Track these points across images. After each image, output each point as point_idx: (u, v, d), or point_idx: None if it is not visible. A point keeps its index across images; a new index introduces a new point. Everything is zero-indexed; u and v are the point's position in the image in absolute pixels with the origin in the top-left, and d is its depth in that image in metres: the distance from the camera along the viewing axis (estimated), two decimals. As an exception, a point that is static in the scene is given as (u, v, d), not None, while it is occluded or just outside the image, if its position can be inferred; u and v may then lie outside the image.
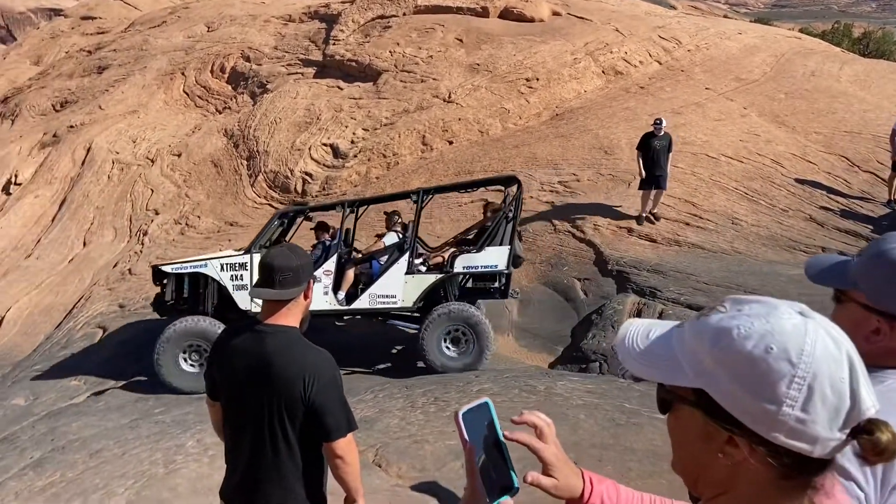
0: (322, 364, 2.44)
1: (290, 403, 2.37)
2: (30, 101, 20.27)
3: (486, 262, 7.86)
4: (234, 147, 15.32)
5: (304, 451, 2.44)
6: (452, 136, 13.01)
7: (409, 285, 7.88)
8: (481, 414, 1.17)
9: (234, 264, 8.00)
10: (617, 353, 1.04)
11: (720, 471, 0.91)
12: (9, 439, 7.10)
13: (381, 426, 6.11)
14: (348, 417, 2.46)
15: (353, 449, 2.46)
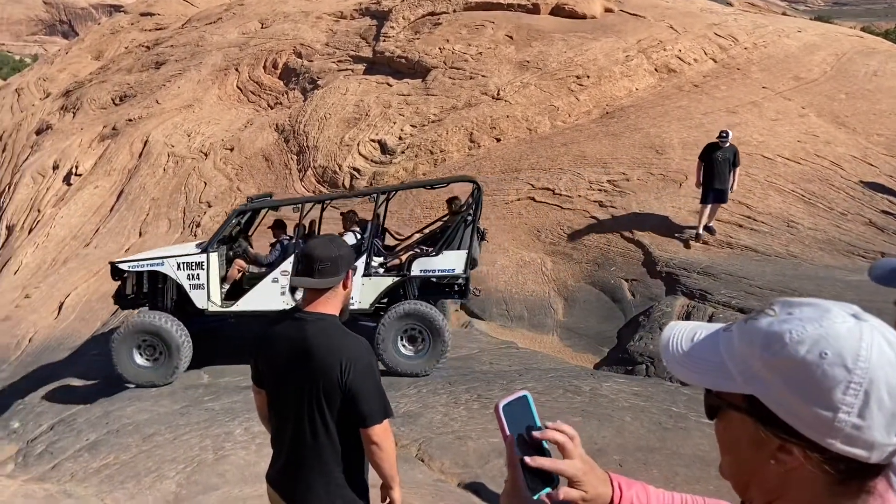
0: (359, 350, 2.50)
1: (328, 389, 2.43)
2: (91, 94, 20.94)
3: (443, 266, 7.80)
4: (285, 142, 15.56)
5: (343, 437, 2.49)
6: (500, 134, 12.96)
7: (365, 287, 7.82)
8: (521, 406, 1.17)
9: (190, 263, 7.98)
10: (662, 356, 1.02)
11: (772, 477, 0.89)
12: (66, 421, 7.36)
13: (424, 421, 6.14)
14: (384, 404, 2.50)
15: (388, 436, 2.50)
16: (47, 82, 25.89)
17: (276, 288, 7.90)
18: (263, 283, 7.95)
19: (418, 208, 12.10)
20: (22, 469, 6.36)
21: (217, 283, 8.05)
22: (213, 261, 8.00)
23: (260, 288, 7.94)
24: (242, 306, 8.00)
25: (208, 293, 7.94)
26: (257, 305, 7.93)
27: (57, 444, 6.70)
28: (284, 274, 7.85)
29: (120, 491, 5.12)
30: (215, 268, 8.03)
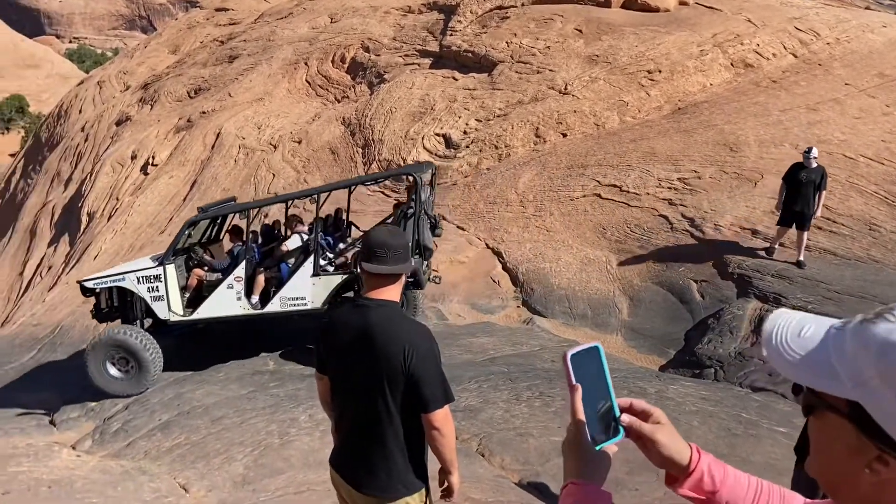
0: (421, 336, 2.52)
1: (391, 375, 2.46)
2: (167, 87, 21.70)
3: None
4: (351, 135, 15.77)
5: (405, 421, 2.52)
6: (567, 129, 12.80)
7: (316, 287, 7.90)
8: (590, 358, 1.17)
9: (149, 276, 8.23)
10: (763, 348, 0.97)
11: (864, 485, 0.84)
12: (140, 401, 7.64)
13: (485, 416, 6.12)
14: (445, 390, 2.51)
15: (449, 421, 2.52)
16: (127, 75, 26.96)
17: (231, 294, 8.13)
18: (219, 290, 8.17)
19: (481, 203, 12.08)
20: (99, 445, 6.65)
21: (177, 294, 8.29)
22: (169, 272, 8.25)
23: (216, 295, 8.18)
24: (202, 314, 8.24)
25: (168, 304, 8.19)
26: (216, 312, 8.21)
27: (132, 423, 6.97)
28: (238, 280, 8.09)
29: (191, 470, 5.30)
30: (173, 279, 8.27)
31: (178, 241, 8.53)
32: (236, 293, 8.12)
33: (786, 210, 8.89)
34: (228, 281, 8.15)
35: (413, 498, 2.55)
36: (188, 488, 5.02)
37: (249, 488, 4.95)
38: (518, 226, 11.14)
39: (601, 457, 1.15)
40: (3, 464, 5.39)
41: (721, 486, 1.14)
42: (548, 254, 10.33)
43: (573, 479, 1.13)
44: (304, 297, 7.96)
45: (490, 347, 8.47)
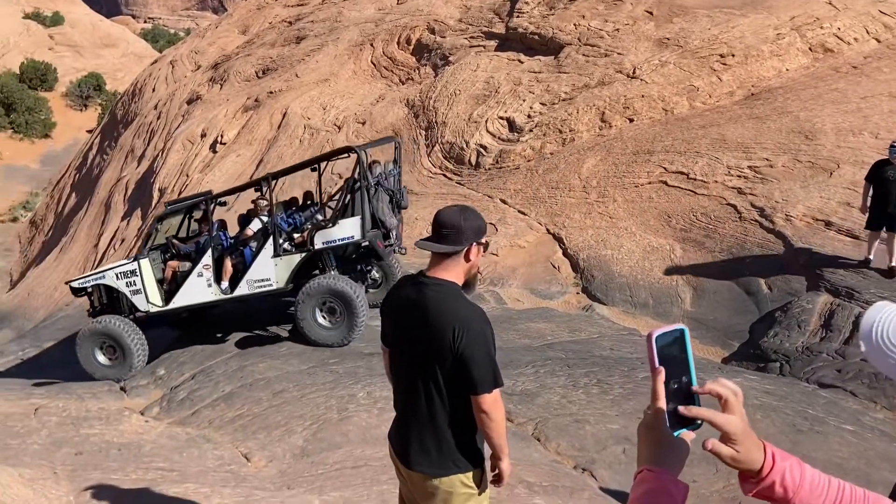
0: (473, 317, 2.49)
1: (441, 353, 2.46)
2: (236, 67, 22.18)
3: (341, 235, 7.94)
4: (414, 117, 15.81)
5: (456, 401, 2.51)
6: (634, 114, 12.51)
7: (279, 267, 8.11)
8: (675, 341, 1.14)
9: (125, 272, 8.64)
10: (861, 345, 0.92)
11: None
12: (205, 372, 7.89)
13: (541, 401, 6.09)
14: (495, 373, 2.48)
15: (498, 406, 2.49)
16: (198, 55, 27.68)
17: (202, 281, 8.43)
18: (190, 278, 8.49)
19: (543, 188, 11.96)
20: (166, 413, 6.91)
21: (154, 286, 8.64)
22: (144, 267, 8.58)
23: (188, 284, 8.49)
24: (177, 303, 8.57)
25: (146, 296, 8.57)
26: (190, 300, 8.54)
27: (197, 393, 7.20)
28: (207, 267, 8.39)
29: (252, 440, 5.45)
30: (149, 272, 8.61)
31: (151, 235, 9.00)
32: (206, 280, 8.43)
33: (874, 212, 8.24)
34: (198, 269, 8.45)
35: (467, 476, 2.54)
36: (249, 457, 5.17)
37: (308, 460, 5.06)
38: (580, 212, 11.00)
39: (679, 444, 1.12)
40: (77, 426, 5.67)
41: (794, 495, 1.09)
42: (610, 241, 10.17)
43: (648, 466, 1.11)
44: (269, 279, 8.22)
45: (548, 333, 8.42)
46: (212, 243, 8.50)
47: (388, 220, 8.31)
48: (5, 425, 5.54)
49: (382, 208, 8.25)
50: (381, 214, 8.21)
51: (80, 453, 4.92)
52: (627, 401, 6.02)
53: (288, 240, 8.37)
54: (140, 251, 8.93)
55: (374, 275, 9.20)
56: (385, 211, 8.28)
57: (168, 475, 4.44)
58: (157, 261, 8.97)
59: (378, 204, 8.18)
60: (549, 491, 4.42)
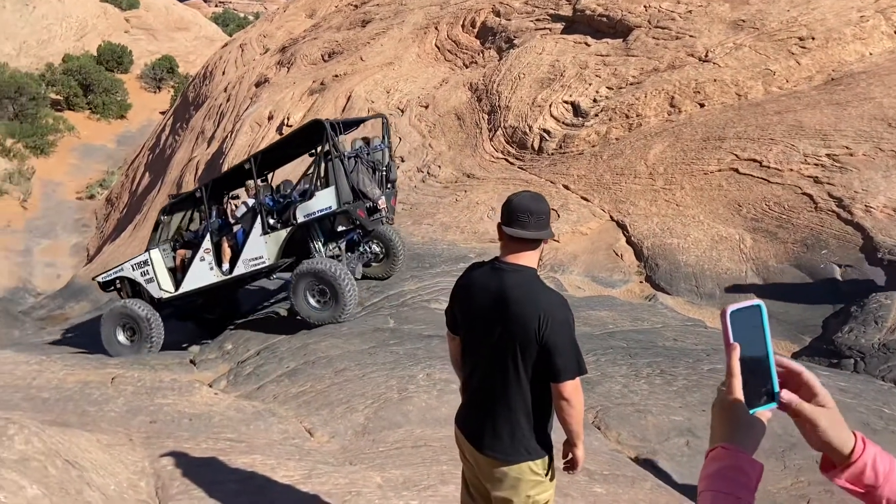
0: (557, 305, 2.49)
1: (524, 341, 2.45)
2: (303, 51, 22.50)
3: (320, 207, 8.14)
4: (478, 101, 15.73)
5: (534, 388, 2.51)
6: (705, 99, 12.13)
7: (268, 245, 8.44)
8: (751, 316, 1.12)
9: (139, 263, 9.37)
10: None
11: None
12: (270, 348, 8.10)
13: (602, 390, 6.02)
14: (578, 361, 2.48)
15: (579, 393, 2.50)
16: (266, 39, 28.19)
17: (205, 265, 8.93)
18: (194, 264, 9.00)
19: (608, 174, 11.75)
20: (233, 386, 7.13)
21: (165, 274, 9.29)
22: (154, 257, 9.25)
23: (193, 269, 9.01)
24: (185, 288, 9.11)
25: (158, 283, 9.24)
26: (196, 284, 9.03)
27: (262, 368, 7.41)
28: (207, 252, 8.89)
29: (315, 416, 5.57)
30: (159, 262, 9.28)
31: (158, 227, 9.64)
32: (208, 264, 8.90)
33: None
34: (199, 254, 8.96)
35: (536, 464, 2.55)
36: (313, 432, 5.29)
37: (369, 438, 5.14)
38: (646, 199, 10.76)
39: (755, 422, 1.09)
40: (151, 395, 5.91)
41: (884, 482, 1.04)
42: (676, 229, 9.92)
43: (723, 444, 1.08)
44: (262, 256, 8.56)
45: (609, 321, 8.30)
46: (209, 228, 8.96)
47: (370, 191, 8.42)
48: (83, 392, 5.81)
49: (363, 180, 8.39)
50: (361, 186, 8.34)
51: (154, 422, 5.13)
52: (692, 393, 5.90)
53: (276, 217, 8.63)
54: (150, 243, 9.58)
55: (375, 249, 9.47)
56: (366, 182, 8.42)
57: (236, 446, 4.58)
58: (167, 250, 9.56)
59: (359, 176, 8.35)
60: (610, 480, 4.37)
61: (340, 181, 8.08)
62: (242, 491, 3.79)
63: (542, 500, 2.58)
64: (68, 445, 3.56)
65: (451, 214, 12.31)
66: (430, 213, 12.66)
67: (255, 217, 8.65)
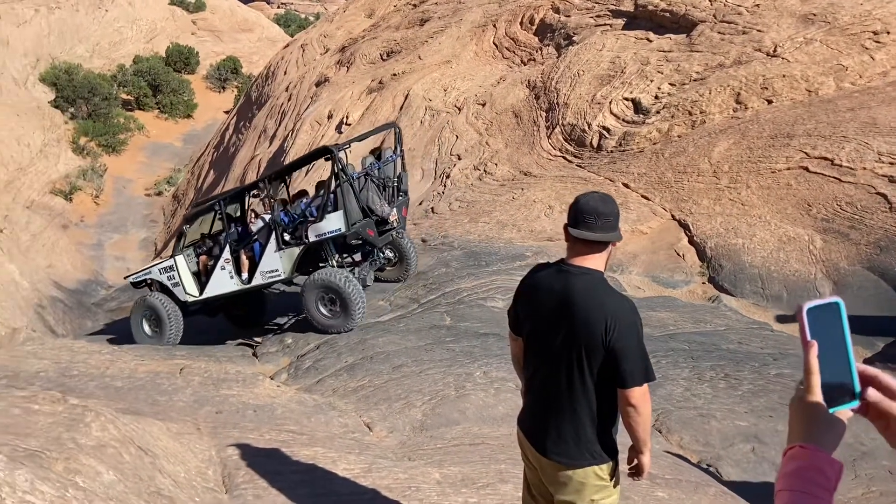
0: (624, 309, 2.45)
1: (590, 345, 2.41)
2: (362, 50, 22.76)
3: (330, 228, 8.47)
4: (535, 98, 15.62)
5: (599, 392, 2.48)
6: (773, 95, 11.74)
7: (283, 259, 8.80)
8: (830, 313, 1.10)
9: (166, 267, 9.84)
10: None
11: None
12: (329, 343, 8.22)
13: (663, 392, 5.91)
14: (646, 367, 2.44)
15: (647, 399, 2.45)
16: (327, 39, 28.61)
17: (225, 273, 9.33)
18: (216, 271, 9.42)
19: (669, 172, 11.50)
20: (293, 379, 7.27)
21: (189, 279, 9.74)
22: (180, 262, 9.70)
23: (215, 276, 9.43)
24: (208, 293, 9.55)
25: (184, 287, 9.68)
26: (218, 290, 9.47)
27: (321, 363, 7.53)
28: (227, 261, 9.28)
29: (374, 411, 5.64)
30: (184, 267, 9.71)
31: (183, 237, 10.15)
32: (228, 273, 9.30)
33: None
34: (220, 263, 9.36)
35: (601, 469, 2.52)
36: (371, 427, 5.35)
37: (427, 434, 5.18)
38: (709, 198, 10.49)
39: (834, 421, 1.07)
40: (217, 386, 6.08)
41: None
42: (741, 229, 9.65)
43: (800, 443, 1.06)
44: (277, 269, 8.94)
45: (670, 323, 8.14)
46: (228, 239, 9.41)
47: (379, 208, 8.79)
48: (154, 382, 6.02)
49: (372, 197, 8.76)
50: (370, 203, 8.70)
51: (220, 412, 5.28)
52: (758, 398, 5.74)
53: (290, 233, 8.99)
54: (174, 249, 10.08)
55: (388, 254, 9.81)
56: (375, 200, 8.78)
57: (298, 438, 4.67)
58: (191, 255, 10.04)
59: (368, 194, 8.73)
60: (672, 484, 4.29)
61: (349, 205, 8.40)
62: (304, 482, 3.87)
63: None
64: (141, 433, 3.70)
65: (507, 212, 12.27)
66: (486, 210, 12.64)
67: (270, 233, 9.02)
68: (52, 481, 2.63)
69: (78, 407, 3.65)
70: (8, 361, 6.63)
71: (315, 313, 8.54)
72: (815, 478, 1.02)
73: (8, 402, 3.68)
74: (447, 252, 11.05)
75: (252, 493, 3.64)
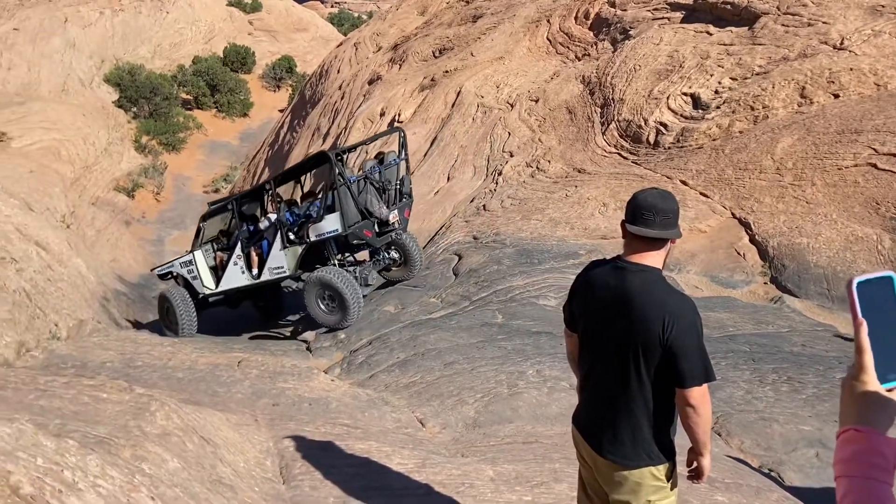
0: (683, 307, 2.39)
1: (647, 343, 2.36)
2: (415, 48, 22.85)
3: (329, 229, 8.87)
4: (590, 94, 15.41)
5: (656, 392, 2.42)
6: (839, 89, 11.30)
7: (287, 257, 9.29)
8: (881, 288, 1.07)
9: (186, 262, 10.52)
10: None
11: None
12: (381, 339, 8.29)
13: (723, 395, 5.76)
14: (706, 366, 2.37)
15: (706, 400, 2.38)
16: (379, 37, 28.83)
17: (237, 269, 9.93)
18: (229, 267, 10.04)
19: (730, 169, 11.19)
20: (346, 374, 7.35)
21: (207, 273, 10.39)
22: (198, 257, 10.36)
23: (228, 271, 10.03)
24: (223, 287, 10.16)
25: (202, 281, 10.34)
26: (231, 284, 10.08)
27: (374, 358, 7.59)
28: (239, 258, 9.89)
29: (426, 407, 5.65)
30: (202, 262, 10.37)
31: (200, 234, 10.81)
32: (240, 268, 9.90)
33: None
34: (233, 259, 9.97)
35: (658, 470, 2.46)
36: (424, 423, 5.37)
37: (480, 431, 5.16)
38: (772, 195, 10.17)
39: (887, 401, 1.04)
40: (273, 379, 6.19)
41: None
42: (806, 228, 9.32)
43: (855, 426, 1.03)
44: (283, 266, 9.42)
45: (729, 324, 7.93)
46: (239, 238, 9.96)
47: (378, 210, 9.17)
48: (214, 374, 6.17)
49: (371, 200, 9.14)
50: (369, 206, 9.09)
51: (276, 404, 5.37)
52: (822, 402, 5.54)
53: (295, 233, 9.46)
54: (193, 245, 10.75)
55: (394, 255, 10.07)
56: (374, 202, 9.16)
57: (353, 431, 4.72)
58: (209, 251, 10.68)
59: (367, 197, 9.12)
60: (732, 489, 4.17)
61: (346, 207, 8.75)
62: (359, 475, 3.90)
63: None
64: (203, 423, 3.79)
65: (560, 210, 12.14)
66: (539, 208, 12.53)
67: (276, 231, 9.51)
68: (120, 467, 2.71)
69: (143, 396, 3.76)
70: (76, 352, 6.89)
71: (315, 309, 8.90)
72: (873, 460, 1.00)
73: (77, 391, 3.81)
74: (499, 250, 11.00)
75: (308, 484, 3.68)
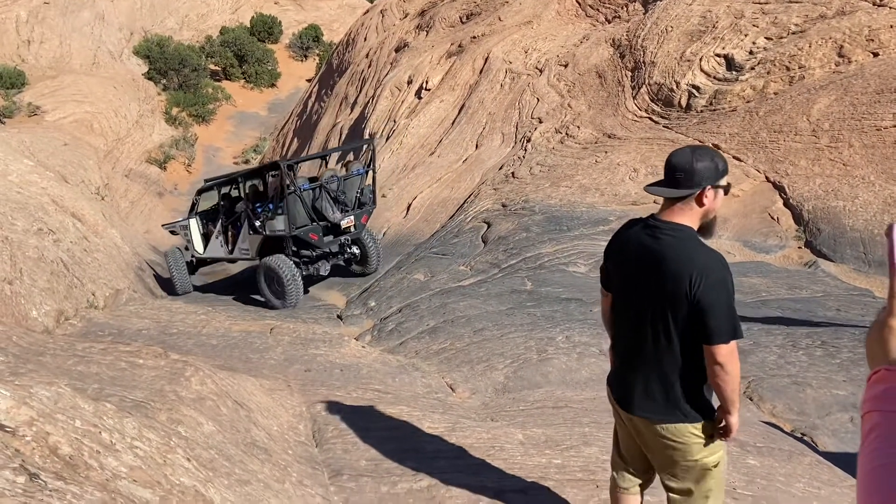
0: (712, 264, 2.35)
1: (675, 299, 2.35)
2: (441, 13, 22.56)
3: (278, 228, 9.91)
4: (620, 57, 15.11)
5: (686, 349, 2.41)
6: (879, 47, 10.91)
7: (252, 242, 10.43)
8: None
9: (184, 226, 11.93)
10: None
11: None
12: (411, 306, 8.35)
13: (755, 360, 5.71)
14: (734, 324, 2.34)
15: (734, 358, 2.35)
16: (406, 3, 28.47)
17: (218, 242, 11.23)
18: (212, 239, 11.35)
19: (764, 131, 10.94)
20: (377, 341, 7.43)
21: (198, 239, 11.75)
22: (192, 224, 11.74)
23: (212, 242, 11.38)
24: (206, 254, 11.63)
25: (193, 245, 11.76)
26: (213, 254, 11.55)
27: (404, 325, 7.66)
28: (220, 233, 11.15)
29: (456, 373, 5.70)
30: (195, 229, 11.75)
31: (195, 204, 11.96)
32: (220, 242, 11.18)
33: None
34: (215, 233, 11.24)
35: (696, 427, 2.46)
36: (454, 388, 5.42)
37: (509, 396, 5.20)
38: (807, 158, 9.93)
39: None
40: (305, 346, 6.29)
41: None
42: (842, 190, 9.11)
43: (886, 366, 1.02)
44: (248, 249, 10.57)
45: (762, 289, 7.82)
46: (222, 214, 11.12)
47: (331, 215, 10.08)
48: (247, 341, 6.29)
49: (325, 206, 10.07)
50: (323, 211, 10.04)
51: (308, 370, 5.46)
52: (857, 366, 5.46)
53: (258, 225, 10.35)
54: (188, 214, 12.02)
55: (354, 251, 10.95)
56: (326, 208, 10.08)
57: (384, 397, 4.78)
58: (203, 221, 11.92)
59: (322, 203, 10.05)
60: (764, 452, 4.15)
61: (293, 211, 9.68)
62: (391, 438, 3.96)
63: (711, 463, 2.51)
64: (237, 388, 3.87)
65: (590, 176, 12.01)
66: (568, 174, 12.42)
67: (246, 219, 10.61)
68: (157, 430, 2.79)
69: (178, 362, 3.85)
70: (113, 320, 7.06)
71: (264, 289, 9.75)
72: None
73: (115, 357, 3.91)
74: (528, 217, 10.96)
75: (341, 447, 3.76)
